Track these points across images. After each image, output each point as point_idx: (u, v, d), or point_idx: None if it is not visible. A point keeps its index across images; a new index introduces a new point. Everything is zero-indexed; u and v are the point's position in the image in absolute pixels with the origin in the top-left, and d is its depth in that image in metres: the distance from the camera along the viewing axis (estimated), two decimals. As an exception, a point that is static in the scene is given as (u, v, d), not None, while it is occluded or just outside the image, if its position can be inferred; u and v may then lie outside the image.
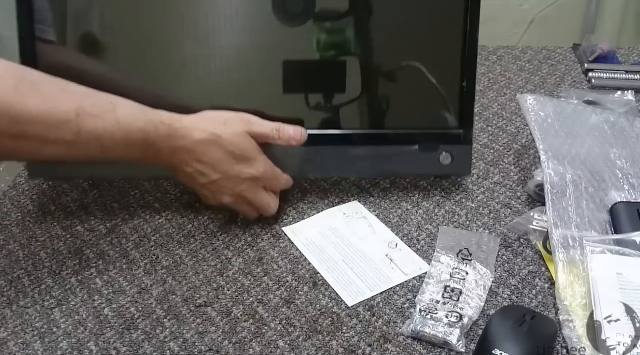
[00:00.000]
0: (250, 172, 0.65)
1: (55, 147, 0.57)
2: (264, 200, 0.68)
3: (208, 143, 0.63)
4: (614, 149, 0.76)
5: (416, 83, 0.72)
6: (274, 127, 0.67)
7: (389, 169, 0.74)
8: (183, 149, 0.63)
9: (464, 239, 0.66)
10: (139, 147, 0.60)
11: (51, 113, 0.55)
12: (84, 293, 0.63)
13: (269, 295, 0.63)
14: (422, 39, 0.71)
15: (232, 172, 0.65)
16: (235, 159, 0.65)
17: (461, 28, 0.69)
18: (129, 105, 0.61)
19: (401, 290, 0.63)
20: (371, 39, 0.71)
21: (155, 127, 0.61)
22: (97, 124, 0.57)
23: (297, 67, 0.70)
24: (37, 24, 0.66)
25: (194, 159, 0.63)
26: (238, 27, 0.69)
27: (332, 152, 0.72)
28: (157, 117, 0.61)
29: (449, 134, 0.72)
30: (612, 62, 1.03)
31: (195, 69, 0.70)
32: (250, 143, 0.65)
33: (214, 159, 0.64)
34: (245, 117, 0.66)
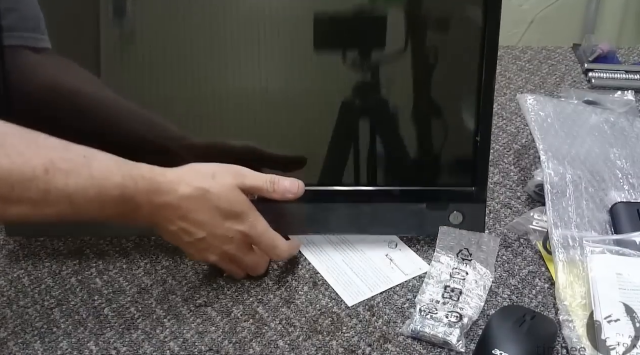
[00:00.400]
0: (240, 228, 0.60)
1: (20, 207, 0.51)
2: (253, 260, 0.63)
3: (194, 199, 0.58)
4: (614, 149, 0.76)
5: (426, 136, 0.68)
6: (268, 179, 0.62)
7: (393, 228, 0.69)
8: (167, 206, 0.57)
9: (464, 239, 0.66)
10: (115, 204, 0.54)
11: (16, 170, 0.49)
12: (84, 293, 0.63)
13: (269, 295, 0.63)
14: (434, 91, 0.67)
15: (220, 229, 0.59)
16: (224, 216, 0.59)
17: (476, 81, 0.64)
18: (105, 158, 0.55)
19: (401, 290, 0.63)
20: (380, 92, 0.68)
21: (135, 181, 0.55)
22: (69, 181, 0.52)
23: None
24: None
25: (178, 216, 0.58)
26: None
27: (333, 209, 0.68)
28: (136, 171, 0.56)
29: (460, 192, 0.67)
30: (612, 62, 1.03)
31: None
32: (240, 197, 0.60)
33: (201, 216, 0.58)
34: (236, 169, 0.61)
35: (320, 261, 0.67)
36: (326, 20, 0.64)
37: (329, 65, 0.66)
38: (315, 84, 0.67)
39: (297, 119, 0.67)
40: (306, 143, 0.68)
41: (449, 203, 0.67)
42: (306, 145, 0.68)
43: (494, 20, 0.63)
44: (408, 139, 0.67)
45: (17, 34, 0.63)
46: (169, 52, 0.65)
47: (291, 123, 0.67)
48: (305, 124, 0.67)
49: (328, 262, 0.67)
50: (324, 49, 0.65)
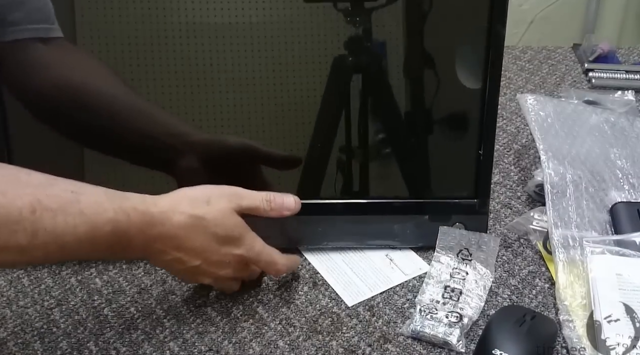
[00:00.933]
0: (237, 252, 0.58)
1: (5, 254, 0.46)
2: (251, 275, 0.62)
3: (190, 227, 0.55)
4: (614, 149, 0.76)
5: (428, 149, 0.68)
6: (264, 198, 0.59)
7: (395, 239, 0.68)
8: (161, 237, 0.54)
9: (464, 239, 0.66)
10: (107, 240, 0.51)
11: (1, 212, 0.45)
12: (84, 293, 0.63)
13: (269, 296, 0.63)
14: (438, 104, 0.66)
15: (216, 256, 0.57)
16: (221, 242, 0.57)
17: (479, 94, 0.64)
18: (94, 192, 0.51)
19: (401, 291, 0.63)
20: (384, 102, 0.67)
21: (127, 215, 0.52)
22: (57, 220, 0.47)
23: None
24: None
25: (173, 246, 0.55)
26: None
27: (334, 222, 0.67)
28: (128, 203, 0.52)
29: (463, 204, 0.67)
30: (612, 62, 1.03)
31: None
32: (237, 221, 0.57)
33: (196, 245, 0.56)
34: (231, 191, 0.58)
35: (320, 261, 0.67)
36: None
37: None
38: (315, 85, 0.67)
39: (303, 124, 0.67)
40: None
41: (451, 215, 0.67)
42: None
43: (498, 38, 0.62)
44: (412, 151, 0.68)
45: (28, 27, 0.61)
46: (164, 50, 0.65)
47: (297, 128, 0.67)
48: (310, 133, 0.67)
49: (328, 262, 0.67)
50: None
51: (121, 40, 0.64)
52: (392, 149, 0.69)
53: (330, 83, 0.65)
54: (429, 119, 0.68)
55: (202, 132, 0.64)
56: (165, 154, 0.62)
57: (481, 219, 0.68)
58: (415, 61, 0.66)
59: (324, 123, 0.67)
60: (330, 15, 0.63)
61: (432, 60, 0.66)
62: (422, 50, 0.66)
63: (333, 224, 0.67)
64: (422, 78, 0.66)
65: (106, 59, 0.64)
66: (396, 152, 0.69)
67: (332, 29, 0.63)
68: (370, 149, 0.68)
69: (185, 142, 0.64)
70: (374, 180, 0.70)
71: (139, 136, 0.64)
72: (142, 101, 0.64)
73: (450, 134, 0.68)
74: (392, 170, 0.70)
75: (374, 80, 0.66)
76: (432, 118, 0.68)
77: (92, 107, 0.63)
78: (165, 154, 0.62)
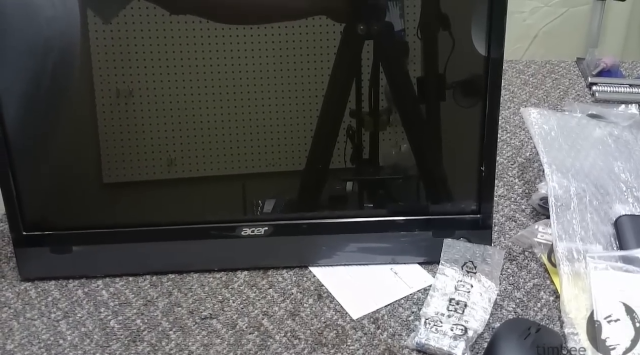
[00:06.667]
0: None
1: None
2: None
3: None
4: (618, 162, 0.76)
5: (431, 165, 0.69)
6: None
7: (399, 255, 0.68)
8: None
9: (469, 251, 0.66)
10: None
11: None
12: (91, 305, 0.64)
13: (274, 308, 0.63)
14: (439, 120, 0.68)
15: None
16: None
17: (480, 112, 0.65)
18: None
19: (406, 303, 0.64)
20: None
21: None
22: None
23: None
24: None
25: None
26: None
27: (339, 240, 0.68)
28: None
29: (466, 220, 0.67)
30: (615, 76, 1.04)
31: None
32: None
33: None
34: None
35: (325, 273, 0.67)
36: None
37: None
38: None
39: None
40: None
41: (455, 230, 0.67)
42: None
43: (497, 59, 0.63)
44: (415, 168, 0.68)
45: None
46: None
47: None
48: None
49: (333, 274, 0.67)
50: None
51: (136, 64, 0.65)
52: (395, 166, 0.69)
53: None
54: (432, 135, 0.69)
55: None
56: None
57: (485, 233, 0.68)
58: (412, 88, 0.66)
59: (325, 136, 0.68)
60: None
61: (435, 75, 0.66)
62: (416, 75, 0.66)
63: (337, 242, 0.68)
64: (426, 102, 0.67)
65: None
66: (399, 169, 0.69)
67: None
68: (374, 165, 0.68)
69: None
70: (377, 198, 0.70)
71: None
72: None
73: (452, 150, 0.68)
74: (395, 187, 0.70)
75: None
76: (434, 134, 0.69)
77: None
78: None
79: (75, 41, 0.64)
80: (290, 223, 0.68)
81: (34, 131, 0.65)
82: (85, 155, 0.69)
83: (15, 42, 0.60)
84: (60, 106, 0.66)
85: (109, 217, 0.68)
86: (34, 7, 0.61)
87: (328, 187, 0.70)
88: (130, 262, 0.67)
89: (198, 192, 0.71)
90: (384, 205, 0.71)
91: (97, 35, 0.64)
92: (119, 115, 0.67)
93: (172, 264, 0.68)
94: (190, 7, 0.64)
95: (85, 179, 0.70)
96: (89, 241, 0.66)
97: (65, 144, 0.67)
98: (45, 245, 0.66)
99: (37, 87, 0.63)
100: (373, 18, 0.64)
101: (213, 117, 0.67)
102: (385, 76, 0.66)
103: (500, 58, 0.63)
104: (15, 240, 0.65)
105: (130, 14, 0.63)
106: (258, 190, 0.70)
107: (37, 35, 0.61)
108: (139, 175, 0.68)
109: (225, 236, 0.67)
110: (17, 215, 0.65)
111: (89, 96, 0.66)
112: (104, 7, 0.63)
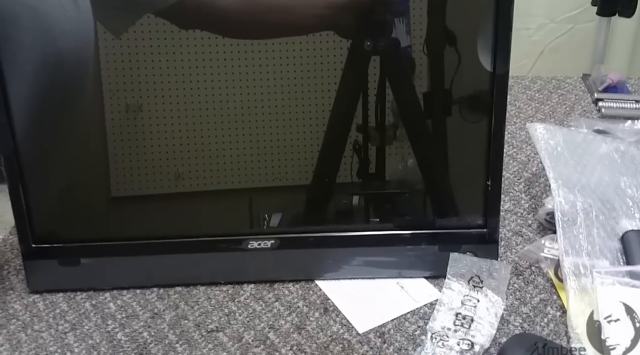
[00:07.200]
0: None
1: None
2: None
3: None
4: (624, 177, 0.76)
5: (438, 180, 0.69)
6: None
7: (405, 270, 0.68)
8: None
9: (475, 266, 0.66)
10: None
11: None
12: (98, 317, 0.64)
13: (280, 321, 0.63)
14: (445, 135, 0.68)
15: None
16: None
17: (486, 127, 0.65)
18: None
19: (412, 318, 0.63)
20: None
21: None
22: None
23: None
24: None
25: None
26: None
27: (346, 254, 0.68)
28: None
29: (472, 234, 0.68)
30: (622, 92, 1.04)
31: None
32: None
33: None
34: None
35: (331, 287, 0.67)
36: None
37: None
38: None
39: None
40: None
41: (461, 244, 0.67)
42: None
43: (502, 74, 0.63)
44: (421, 182, 0.69)
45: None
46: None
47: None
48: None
49: (339, 288, 0.67)
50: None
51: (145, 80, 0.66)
52: (401, 180, 0.69)
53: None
54: (438, 149, 0.69)
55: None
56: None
57: (491, 248, 0.68)
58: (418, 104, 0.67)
59: (331, 151, 0.68)
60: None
61: (440, 93, 0.67)
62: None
63: (343, 256, 0.68)
64: (433, 118, 0.67)
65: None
66: (406, 183, 0.70)
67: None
68: (380, 180, 0.69)
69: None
70: (383, 212, 0.71)
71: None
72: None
73: (458, 164, 0.69)
74: (402, 201, 0.70)
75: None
76: (440, 149, 0.69)
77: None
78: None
79: (86, 56, 0.65)
80: (297, 236, 0.68)
81: (44, 145, 0.65)
82: (94, 169, 0.70)
83: (30, 55, 0.61)
84: (70, 120, 0.67)
85: (117, 230, 0.69)
86: (49, 21, 0.62)
87: (334, 201, 0.70)
88: (138, 274, 0.67)
89: (205, 206, 0.71)
90: (390, 219, 0.71)
91: (107, 51, 0.65)
92: (127, 130, 0.67)
93: (179, 276, 0.68)
94: (199, 23, 0.65)
95: (94, 192, 0.70)
96: (97, 254, 0.67)
97: (74, 158, 0.68)
98: (54, 257, 0.66)
99: (48, 101, 0.64)
100: (379, 34, 0.65)
101: (220, 132, 0.68)
102: (391, 91, 0.67)
103: (506, 74, 0.63)
104: (25, 252, 0.66)
105: (140, 29, 0.64)
106: (265, 204, 0.71)
107: (50, 49, 0.62)
108: (146, 189, 0.69)
109: (232, 249, 0.67)
110: (26, 227, 0.65)
111: (99, 111, 0.67)
112: (115, 22, 0.64)
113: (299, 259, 0.68)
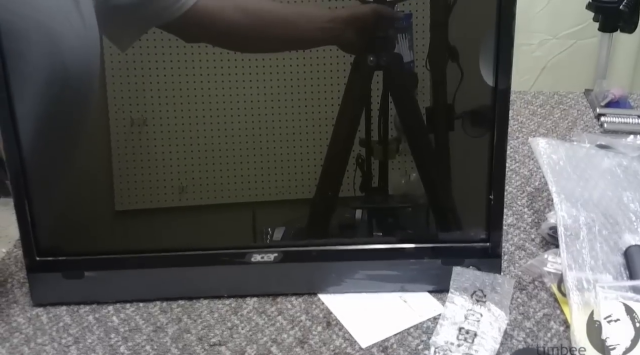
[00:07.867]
0: None
1: None
2: None
3: None
4: (627, 192, 0.76)
5: (440, 194, 0.69)
6: None
7: (408, 283, 0.68)
8: None
9: (478, 280, 0.66)
10: None
11: None
12: (101, 331, 0.64)
13: (283, 335, 0.63)
14: (448, 150, 0.69)
15: None
16: None
17: (489, 142, 0.65)
18: None
19: (415, 332, 0.63)
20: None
21: None
22: None
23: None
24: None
25: None
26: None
27: (348, 268, 0.68)
28: None
29: (475, 248, 0.68)
30: (624, 107, 1.04)
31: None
32: None
33: None
34: None
35: (334, 301, 0.67)
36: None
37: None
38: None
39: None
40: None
41: (464, 258, 0.67)
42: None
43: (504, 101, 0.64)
44: (424, 196, 0.69)
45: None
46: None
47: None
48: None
49: (342, 302, 0.67)
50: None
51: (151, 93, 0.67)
52: (404, 194, 0.70)
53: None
54: (441, 164, 0.69)
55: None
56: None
57: (494, 262, 0.68)
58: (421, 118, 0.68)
59: (335, 165, 0.69)
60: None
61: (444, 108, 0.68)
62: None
63: (346, 269, 0.68)
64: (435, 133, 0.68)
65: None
66: (409, 197, 0.70)
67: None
68: (383, 194, 0.69)
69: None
70: (386, 226, 0.71)
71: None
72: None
73: (461, 179, 0.69)
74: (405, 215, 0.71)
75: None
76: (443, 163, 0.69)
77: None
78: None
79: (92, 70, 0.65)
80: (300, 250, 0.68)
81: (50, 158, 0.66)
82: (98, 182, 0.70)
83: (36, 69, 0.62)
84: (75, 134, 0.67)
85: (121, 244, 0.69)
86: (56, 35, 0.62)
87: (337, 215, 0.70)
88: (141, 288, 0.68)
89: (208, 219, 0.71)
90: (393, 233, 0.71)
91: (113, 65, 0.65)
92: (132, 144, 0.68)
93: (182, 290, 0.68)
94: (204, 36, 0.66)
95: (98, 206, 0.71)
96: (101, 267, 0.67)
97: (79, 172, 0.68)
98: (58, 270, 0.66)
99: (53, 115, 0.64)
100: (383, 49, 0.66)
101: (224, 146, 0.68)
102: (394, 106, 0.68)
103: (508, 88, 0.64)
104: (29, 265, 0.66)
105: (145, 44, 0.65)
106: (268, 217, 0.71)
107: (57, 63, 0.63)
108: (150, 203, 0.69)
109: (235, 262, 0.68)
110: (31, 240, 0.65)
111: (104, 125, 0.68)
112: (121, 36, 0.65)
113: (302, 272, 0.68)
